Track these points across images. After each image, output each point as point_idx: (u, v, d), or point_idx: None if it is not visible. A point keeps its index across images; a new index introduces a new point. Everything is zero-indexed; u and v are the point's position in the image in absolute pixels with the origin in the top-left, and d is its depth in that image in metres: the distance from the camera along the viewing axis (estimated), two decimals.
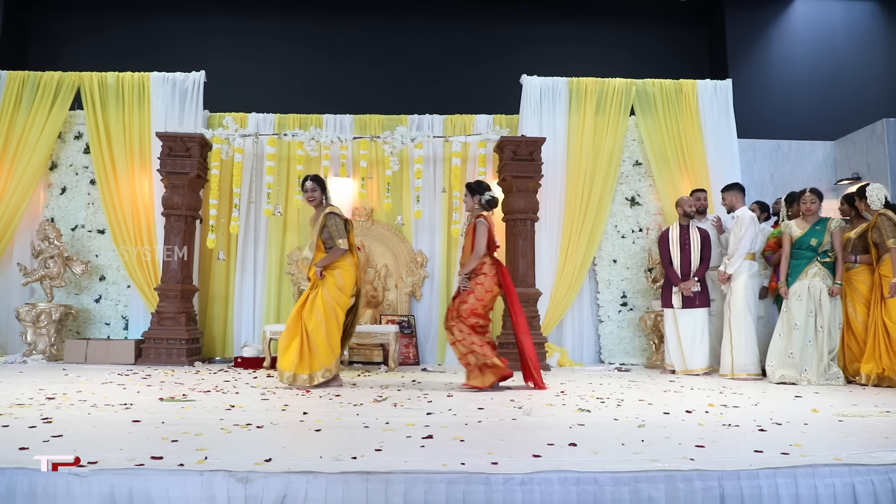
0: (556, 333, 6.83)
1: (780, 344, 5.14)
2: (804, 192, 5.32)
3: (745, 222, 5.47)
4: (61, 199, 6.95)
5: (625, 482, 2.14)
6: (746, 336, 5.34)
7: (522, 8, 8.33)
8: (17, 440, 2.56)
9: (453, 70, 8.04)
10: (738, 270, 5.44)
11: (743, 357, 5.31)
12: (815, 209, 5.26)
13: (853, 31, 8.28)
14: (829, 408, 3.73)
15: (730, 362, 5.36)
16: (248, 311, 6.82)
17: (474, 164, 6.80)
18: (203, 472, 2.10)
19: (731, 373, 5.33)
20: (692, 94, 7.06)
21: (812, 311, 5.08)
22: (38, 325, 6.29)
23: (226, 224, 6.70)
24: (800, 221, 5.31)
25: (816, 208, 5.26)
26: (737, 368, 5.31)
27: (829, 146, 7.78)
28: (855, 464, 2.29)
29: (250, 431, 2.88)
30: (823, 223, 5.21)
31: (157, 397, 3.90)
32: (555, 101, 7.03)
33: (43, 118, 6.79)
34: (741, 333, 5.34)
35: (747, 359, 5.31)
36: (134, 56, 7.75)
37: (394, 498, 2.07)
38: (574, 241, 6.77)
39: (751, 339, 5.35)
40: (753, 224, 5.49)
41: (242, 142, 6.58)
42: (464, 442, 2.69)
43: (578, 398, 4.10)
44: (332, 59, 8.08)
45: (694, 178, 6.83)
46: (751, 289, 5.44)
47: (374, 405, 3.72)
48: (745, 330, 5.34)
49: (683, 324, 5.73)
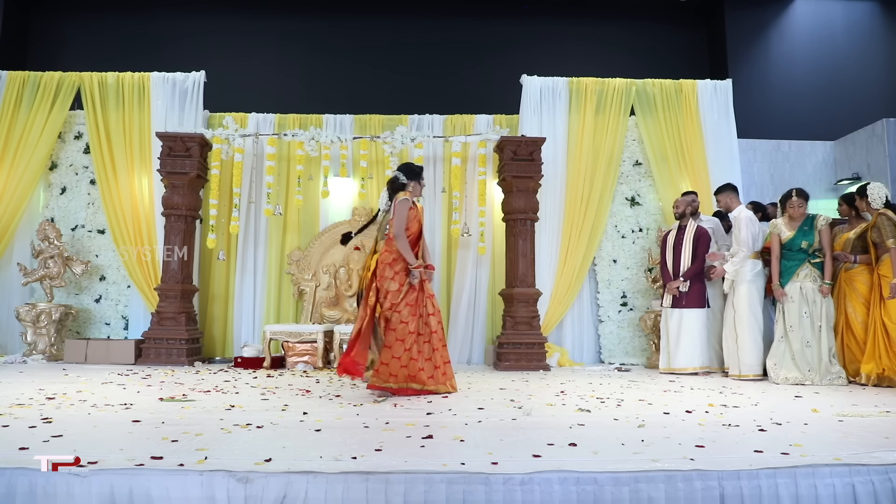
0: (556, 333, 6.83)
1: (780, 346, 5.14)
2: (790, 195, 5.29)
3: (742, 222, 5.45)
4: (61, 199, 6.95)
5: (625, 482, 2.14)
6: (752, 336, 5.32)
7: (522, 8, 8.33)
8: (17, 440, 2.56)
9: (453, 70, 8.04)
10: (741, 271, 5.42)
11: (749, 357, 5.30)
12: (803, 212, 5.26)
13: (853, 31, 8.28)
14: (829, 408, 3.73)
15: (737, 362, 5.35)
16: (248, 311, 6.82)
17: (474, 164, 6.79)
18: (203, 472, 2.10)
19: (739, 373, 5.31)
20: (692, 94, 7.06)
21: (807, 312, 5.09)
22: (38, 325, 6.29)
23: (226, 224, 6.70)
24: (788, 222, 5.30)
25: (804, 210, 5.26)
26: (744, 369, 5.29)
27: (829, 146, 7.78)
28: (855, 464, 2.30)
29: (250, 431, 2.88)
30: (810, 222, 5.21)
31: (157, 397, 3.90)
32: (555, 101, 7.02)
33: (43, 118, 6.79)
34: (746, 334, 5.33)
35: (754, 359, 5.30)
36: (134, 56, 7.75)
37: (394, 498, 2.07)
38: (574, 241, 6.77)
39: (756, 339, 5.33)
40: (752, 223, 5.47)
41: (242, 142, 6.58)
42: (464, 442, 2.69)
43: (578, 398, 4.10)
44: (332, 59, 8.08)
45: (694, 178, 6.82)
46: (755, 289, 5.43)
47: (374, 405, 3.72)
48: (749, 330, 5.33)
49: (670, 323, 5.75)
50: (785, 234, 5.25)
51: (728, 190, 5.71)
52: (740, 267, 5.41)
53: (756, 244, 5.47)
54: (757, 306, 5.40)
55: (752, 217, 5.51)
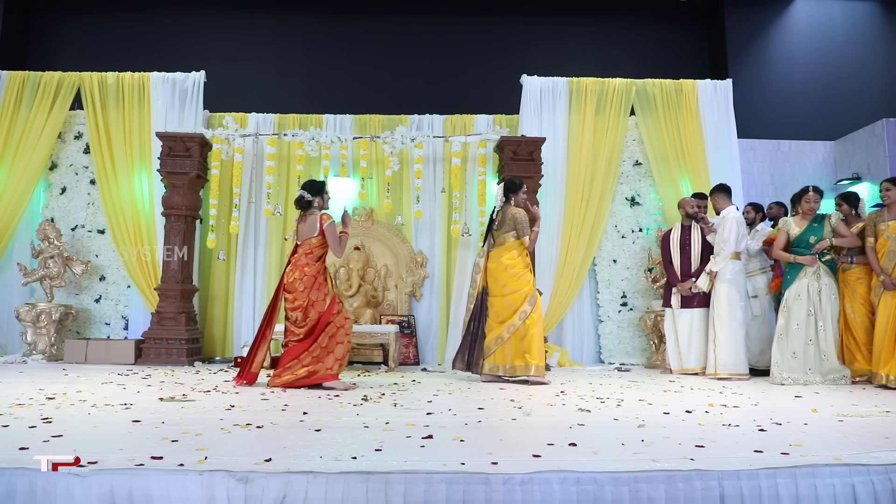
0: (556, 333, 6.83)
1: (781, 344, 5.13)
2: (807, 190, 5.31)
3: (730, 222, 5.46)
4: (61, 199, 6.95)
5: (625, 482, 2.14)
6: (730, 335, 5.33)
7: (522, 8, 8.32)
8: (17, 440, 2.56)
9: (453, 70, 8.03)
10: (721, 271, 5.44)
11: (725, 356, 5.30)
12: (817, 208, 5.29)
13: (853, 31, 8.28)
14: (829, 408, 3.73)
15: (713, 361, 5.37)
16: (248, 311, 6.81)
17: (474, 164, 6.79)
18: (203, 472, 2.10)
19: (715, 372, 5.33)
20: (692, 94, 7.06)
21: (812, 311, 5.09)
22: (38, 325, 6.29)
23: (226, 224, 6.70)
24: (798, 219, 5.31)
25: (818, 207, 5.29)
26: (720, 368, 5.31)
27: (829, 146, 7.78)
28: (855, 464, 2.29)
29: (250, 431, 2.88)
30: (821, 220, 5.23)
31: (157, 397, 3.90)
32: (555, 101, 7.02)
33: (43, 118, 6.79)
34: (725, 333, 5.34)
35: (731, 358, 5.30)
36: (134, 56, 7.75)
37: (394, 498, 2.07)
38: (574, 241, 6.77)
39: (736, 338, 5.33)
40: (738, 224, 5.48)
41: (242, 142, 6.58)
42: (464, 442, 2.69)
43: (578, 398, 4.10)
44: (332, 59, 8.08)
45: (694, 178, 6.82)
46: (735, 288, 5.43)
47: (375, 405, 3.72)
48: (728, 329, 5.33)
49: (681, 323, 5.74)
50: (794, 231, 5.25)
51: (718, 190, 5.72)
52: (722, 266, 5.43)
53: (739, 245, 5.48)
54: (737, 305, 5.40)
55: (739, 219, 5.55)
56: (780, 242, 5.29)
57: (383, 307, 6.83)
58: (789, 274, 5.22)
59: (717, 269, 5.44)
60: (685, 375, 5.57)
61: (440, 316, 6.90)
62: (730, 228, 5.43)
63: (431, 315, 6.91)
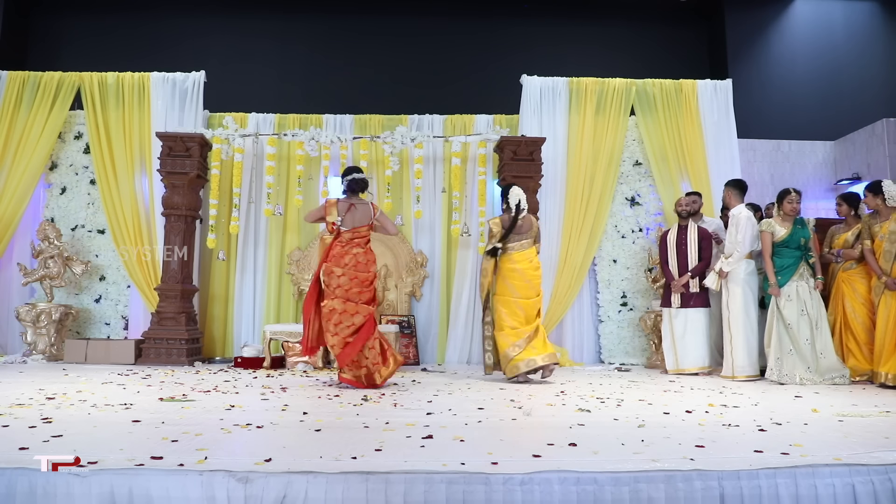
0: (556, 333, 6.83)
1: (778, 345, 5.13)
2: (789, 191, 5.32)
3: (742, 221, 5.42)
4: (61, 199, 6.95)
5: (625, 482, 2.14)
6: (745, 337, 5.32)
7: (522, 8, 8.32)
8: (17, 440, 2.56)
9: (453, 70, 8.03)
10: (734, 271, 5.42)
11: (742, 359, 5.29)
12: (799, 209, 5.32)
13: (853, 31, 8.28)
14: (829, 408, 3.73)
15: (730, 364, 5.35)
16: (248, 311, 6.82)
17: (474, 164, 6.79)
18: (203, 472, 2.10)
19: (732, 374, 5.30)
20: (692, 94, 7.06)
21: (803, 311, 5.11)
22: (38, 325, 6.29)
23: (226, 224, 6.70)
24: (780, 220, 5.30)
25: (799, 208, 5.33)
26: (737, 370, 5.28)
27: (829, 146, 7.78)
28: (855, 464, 2.29)
29: (250, 431, 2.88)
30: (801, 220, 5.30)
31: (157, 397, 3.90)
32: (555, 101, 7.02)
33: (43, 118, 6.79)
34: (741, 335, 5.32)
35: (746, 360, 5.29)
36: (134, 56, 7.75)
37: (394, 498, 2.07)
38: (574, 241, 6.77)
39: (750, 340, 5.33)
40: (751, 225, 5.46)
41: (242, 142, 6.58)
42: (464, 442, 2.69)
43: (578, 398, 4.10)
44: (331, 59, 8.08)
45: (694, 178, 6.82)
46: (749, 289, 5.42)
47: (375, 405, 3.72)
48: (742, 331, 5.32)
49: (677, 323, 5.74)
50: (780, 233, 5.25)
51: (731, 186, 5.66)
52: (735, 267, 5.41)
53: (753, 244, 5.47)
54: (751, 307, 5.40)
55: (751, 217, 5.50)
56: (769, 247, 5.29)
57: (383, 307, 6.82)
58: (783, 275, 5.22)
59: (729, 270, 5.43)
60: (682, 376, 5.57)
61: (440, 316, 6.90)
62: (744, 229, 5.38)
63: (431, 315, 6.92)
